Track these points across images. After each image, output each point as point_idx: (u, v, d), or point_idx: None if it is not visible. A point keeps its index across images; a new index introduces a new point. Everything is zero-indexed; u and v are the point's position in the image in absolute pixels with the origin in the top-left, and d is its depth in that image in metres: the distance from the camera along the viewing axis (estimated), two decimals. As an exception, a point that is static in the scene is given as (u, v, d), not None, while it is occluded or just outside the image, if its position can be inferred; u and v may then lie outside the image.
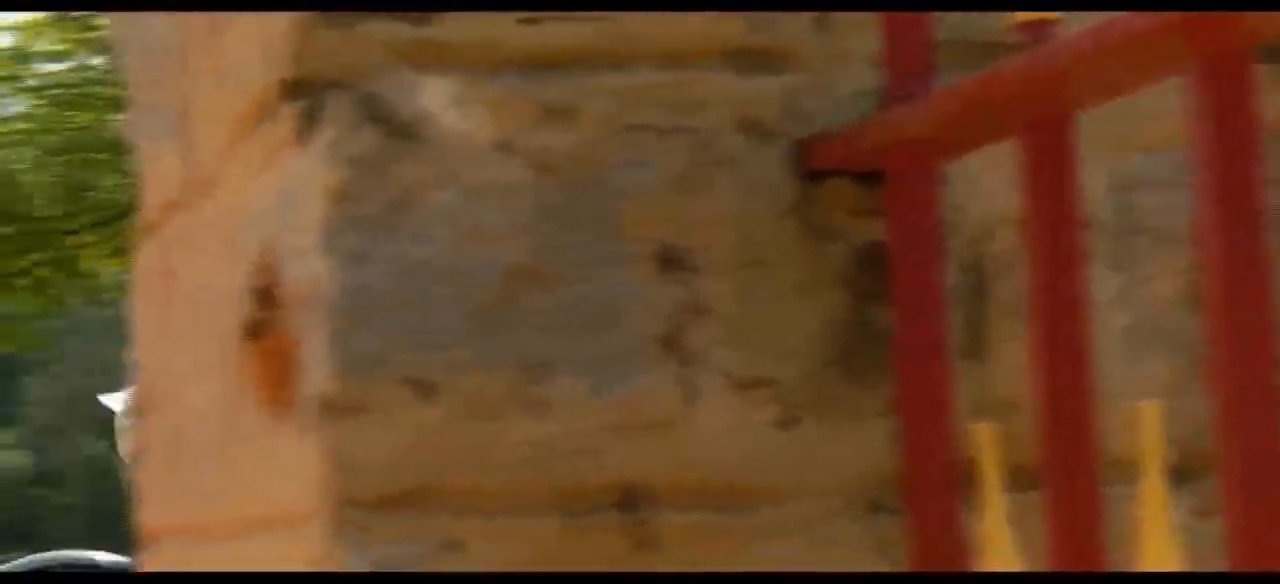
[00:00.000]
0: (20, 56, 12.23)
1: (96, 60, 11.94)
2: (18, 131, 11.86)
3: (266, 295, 1.21)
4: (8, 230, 10.55)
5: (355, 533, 1.12)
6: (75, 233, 12.16)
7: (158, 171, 1.49)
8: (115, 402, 6.48)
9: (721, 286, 1.16)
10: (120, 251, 12.18)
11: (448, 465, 1.13)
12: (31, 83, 12.16)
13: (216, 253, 1.32)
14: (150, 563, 1.52)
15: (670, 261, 1.16)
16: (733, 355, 1.16)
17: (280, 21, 1.16)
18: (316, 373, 1.14)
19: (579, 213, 1.15)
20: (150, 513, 1.53)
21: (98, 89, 12.17)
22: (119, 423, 6.37)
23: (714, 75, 1.17)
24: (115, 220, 12.13)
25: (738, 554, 1.15)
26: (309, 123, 1.14)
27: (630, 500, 1.15)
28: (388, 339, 1.13)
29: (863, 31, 1.18)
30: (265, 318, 1.21)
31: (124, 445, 6.28)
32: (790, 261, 1.17)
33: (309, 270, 1.14)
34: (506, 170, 1.15)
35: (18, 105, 12.16)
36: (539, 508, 1.14)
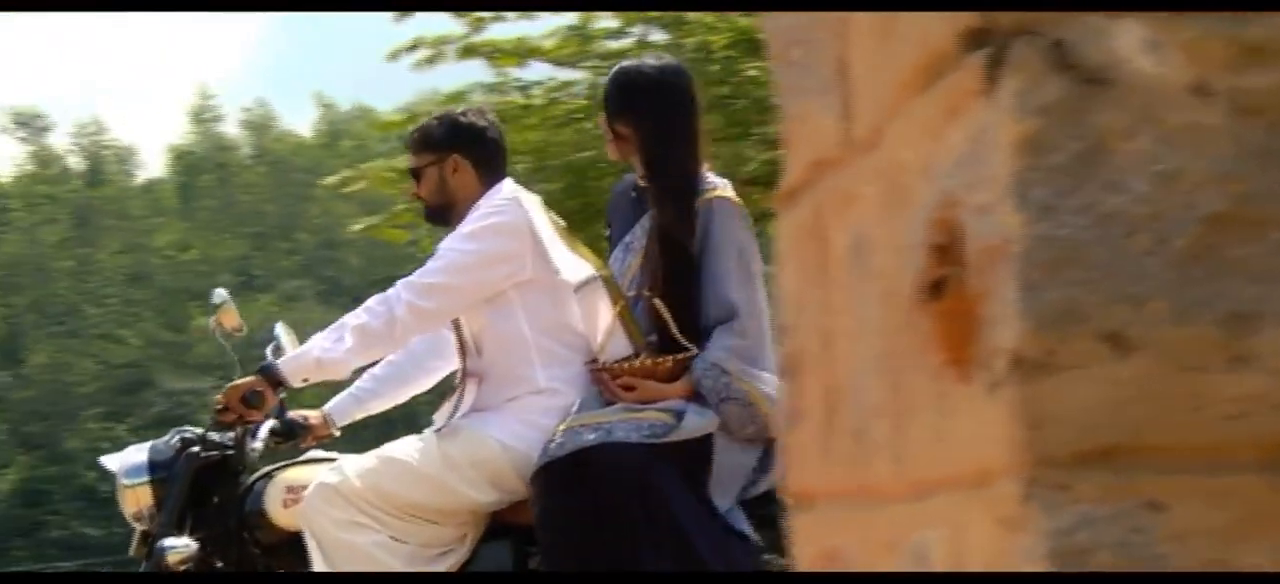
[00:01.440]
0: (582, 34, 12.51)
1: (654, 35, 12.16)
2: (580, 107, 12.15)
3: (946, 252, 1.18)
4: (574, 204, 10.83)
5: (1050, 492, 1.09)
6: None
7: (807, 131, 1.48)
8: (113, 462, 6.08)
9: None
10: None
11: (1146, 422, 1.09)
12: (591, 61, 12.44)
13: (881, 211, 1.31)
14: (805, 525, 1.52)
15: (1379, 205, 1.09)
16: None
17: (960, -30, 1.13)
18: (1006, 329, 1.11)
19: (1282, 156, 1.10)
20: (804, 475, 1.53)
21: (653, 64, 12.36)
22: (119, 483, 6.04)
23: None
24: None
25: None
26: (994, 73, 1.11)
27: (1340, 458, 1.09)
28: (1082, 292, 1.09)
29: None
30: (945, 275, 1.19)
31: (125, 505, 5.97)
32: None
33: (997, 225, 1.12)
34: (1204, 113, 1.10)
35: (582, 83, 12.44)
36: (1242, 465, 1.09)
